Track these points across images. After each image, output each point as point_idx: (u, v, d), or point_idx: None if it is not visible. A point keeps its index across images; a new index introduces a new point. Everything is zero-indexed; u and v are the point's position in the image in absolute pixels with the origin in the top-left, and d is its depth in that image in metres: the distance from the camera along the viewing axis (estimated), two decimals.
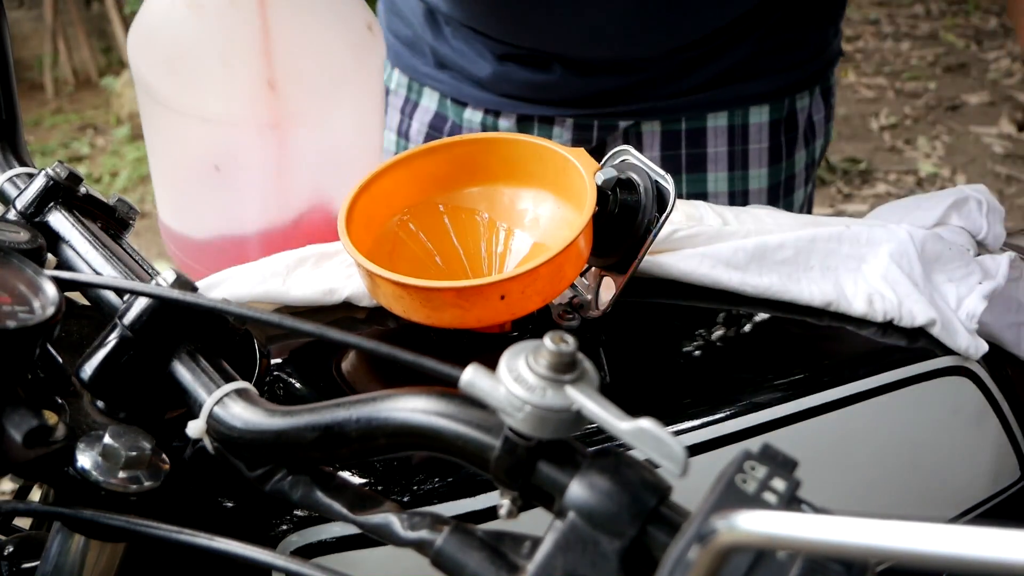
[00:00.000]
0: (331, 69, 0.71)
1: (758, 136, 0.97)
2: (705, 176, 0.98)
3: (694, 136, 0.97)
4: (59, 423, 0.42)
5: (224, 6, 0.68)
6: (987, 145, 3.23)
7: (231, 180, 0.74)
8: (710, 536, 0.27)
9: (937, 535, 0.22)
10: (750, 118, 0.96)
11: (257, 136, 0.71)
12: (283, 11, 0.68)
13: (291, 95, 0.69)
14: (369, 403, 0.39)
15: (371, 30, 0.73)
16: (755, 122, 0.97)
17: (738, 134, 0.97)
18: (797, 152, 1.01)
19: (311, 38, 0.70)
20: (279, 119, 0.70)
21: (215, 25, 0.69)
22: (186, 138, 0.73)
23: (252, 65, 0.68)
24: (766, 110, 0.97)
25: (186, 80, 0.70)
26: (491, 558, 0.35)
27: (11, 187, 0.59)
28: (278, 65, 0.68)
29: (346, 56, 0.71)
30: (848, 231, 0.70)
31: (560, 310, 0.63)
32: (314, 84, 0.70)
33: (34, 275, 0.42)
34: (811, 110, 1.01)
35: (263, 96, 0.69)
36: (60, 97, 4.47)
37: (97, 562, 0.46)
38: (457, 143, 0.66)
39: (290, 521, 0.50)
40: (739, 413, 0.58)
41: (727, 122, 0.96)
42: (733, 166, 0.98)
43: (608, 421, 0.32)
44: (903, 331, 0.67)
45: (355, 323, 0.63)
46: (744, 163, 0.98)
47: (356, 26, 0.72)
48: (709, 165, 0.98)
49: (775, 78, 0.96)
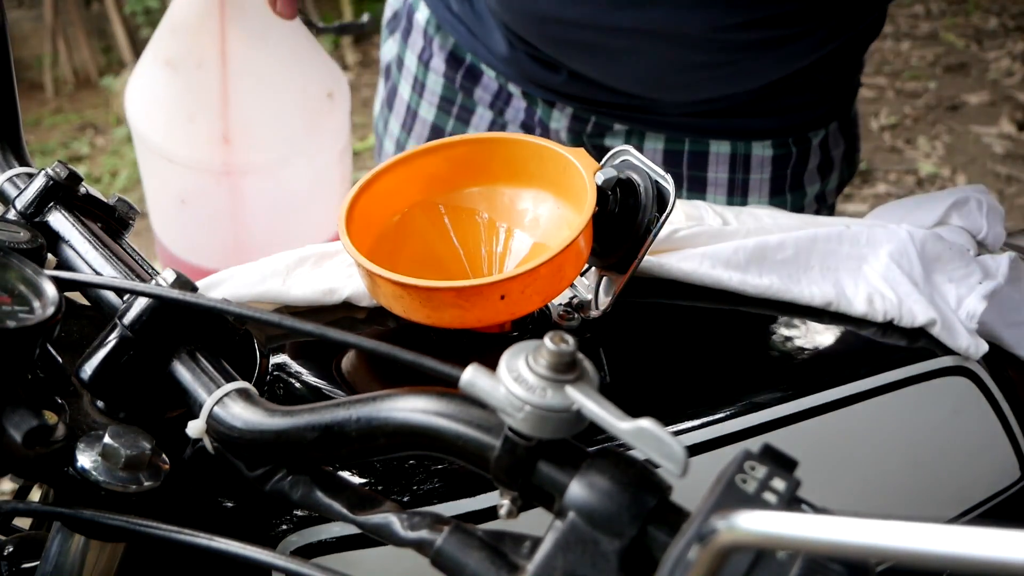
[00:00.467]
0: (283, 129, 0.85)
1: (760, 167, 0.96)
2: (704, 197, 0.99)
3: (696, 159, 0.97)
4: (59, 423, 0.42)
5: (192, 68, 0.82)
6: (987, 145, 3.23)
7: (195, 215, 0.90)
8: (710, 536, 0.27)
9: (937, 535, 0.22)
10: (752, 149, 0.95)
11: (214, 181, 0.85)
12: (242, 77, 0.81)
13: (243, 148, 0.83)
14: (369, 403, 0.39)
15: (331, 98, 0.87)
16: (757, 154, 0.96)
17: (740, 163, 0.96)
18: (808, 185, 0.99)
19: (266, 102, 0.83)
20: (231, 168, 0.84)
21: (185, 83, 0.83)
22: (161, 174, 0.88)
23: (211, 120, 0.82)
24: (769, 144, 0.95)
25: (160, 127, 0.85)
26: (491, 558, 0.35)
27: (11, 187, 0.58)
28: (233, 122, 0.82)
29: (300, 119, 0.85)
30: (848, 231, 0.70)
31: (560, 310, 0.63)
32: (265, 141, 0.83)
33: (34, 275, 0.42)
34: (829, 145, 0.98)
35: (219, 147, 0.82)
36: (60, 97, 4.47)
37: (97, 562, 0.46)
38: (457, 143, 0.66)
39: (290, 521, 0.50)
40: (739, 413, 0.58)
41: (730, 150, 0.96)
42: (732, 192, 0.97)
43: (608, 421, 0.32)
44: (903, 331, 0.67)
45: (355, 323, 0.63)
46: (744, 191, 0.97)
47: (314, 94, 0.85)
48: (709, 188, 0.98)
49: (780, 118, 0.94)
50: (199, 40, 0.82)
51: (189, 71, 0.82)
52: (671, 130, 0.96)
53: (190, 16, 0.82)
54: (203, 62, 0.82)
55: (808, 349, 0.65)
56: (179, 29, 0.83)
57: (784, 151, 0.95)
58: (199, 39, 0.82)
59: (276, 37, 0.84)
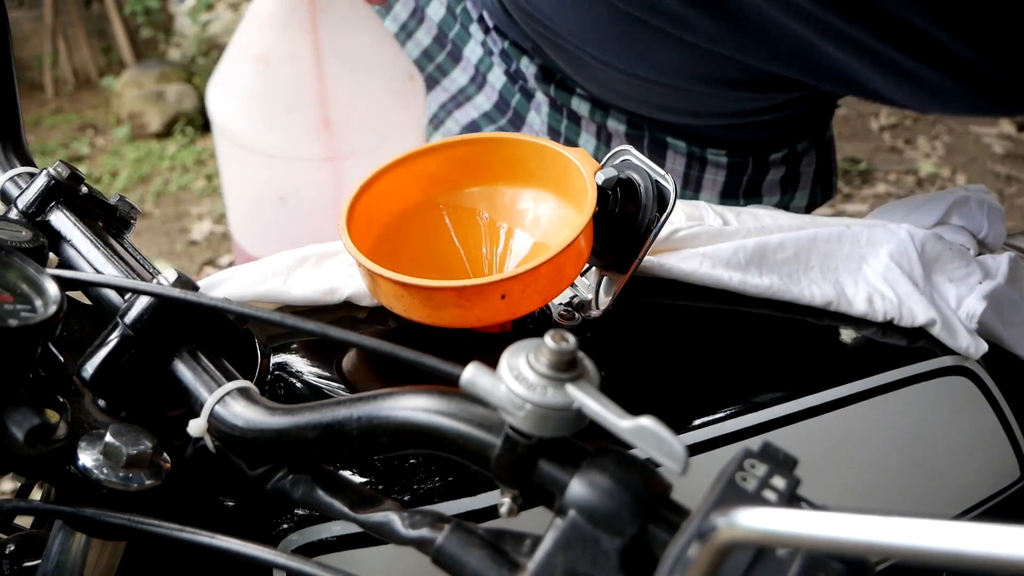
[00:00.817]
0: (377, 111, 0.86)
1: (715, 169, 0.96)
2: None
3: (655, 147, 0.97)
4: (61, 422, 0.42)
5: (286, 59, 0.82)
6: (987, 145, 3.23)
7: (295, 209, 0.89)
8: (710, 533, 0.27)
9: (936, 532, 0.22)
10: (707, 153, 0.96)
11: (315, 170, 0.85)
12: (336, 63, 0.82)
13: (343, 133, 0.83)
14: (370, 402, 0.39)
15: (412, 80, 0.89)
16: (712, 159, 0.96)
17: (696, 159, 0.97)
18: (767, 196, 0.98)
19: (360, 85, 0.84)
20: (333, 154, 0.85)
21: (279, 76, 0.83)
22: (257, 173, 0.88)
23: (310, 108, 0.83)
24: (724, 153, 0.95)
25: (256, 123, 0.84)
26: (492, 556, 0.35)
27: (12, 186, 0.59)
28: (332, 108, 0.83)
29: (390, 100, 0.86)
30: (848, 231, 0.70)
31: (561, 310, 0.63)
32: (363, 123, 0.85)
33: (36, 274, 0.42)
34: (797, 160, 0.97)
35: (320, 134, 0.83)
36: (60, 97, 4.47)
37: (98, 560, 0.46)
38: (457, 143, 0.66)
39: (291, 520, 0.50)
40: (739, 413, 0.58)
41: (686, 150, 0.96)
42: (687, 184, 0.98)
43: (608, 419, 0.32)
44: (903, 331, 0.67)
45: (356, 322, 0.63)
46: (697, 186, 0.98)
47: (399, 76, 0.87)
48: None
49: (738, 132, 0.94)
50: (290, 33, 0.83)
51: (282, 64, 0.83)
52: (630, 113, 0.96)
53: (278, 10, 0.83)
54: (296, 53, 0.83)
55: (808, 349, 0.66)
56: (267, 24, 0.84)
57: (740, 160, 0.95)
58: (290, 32, 0.83)
59: (361, 24, 0.86)
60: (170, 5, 4.53)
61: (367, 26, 0.87)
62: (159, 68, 4.11)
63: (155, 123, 3.90)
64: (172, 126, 3.90)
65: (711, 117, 0.92)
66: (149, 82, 3.99)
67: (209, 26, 4.35)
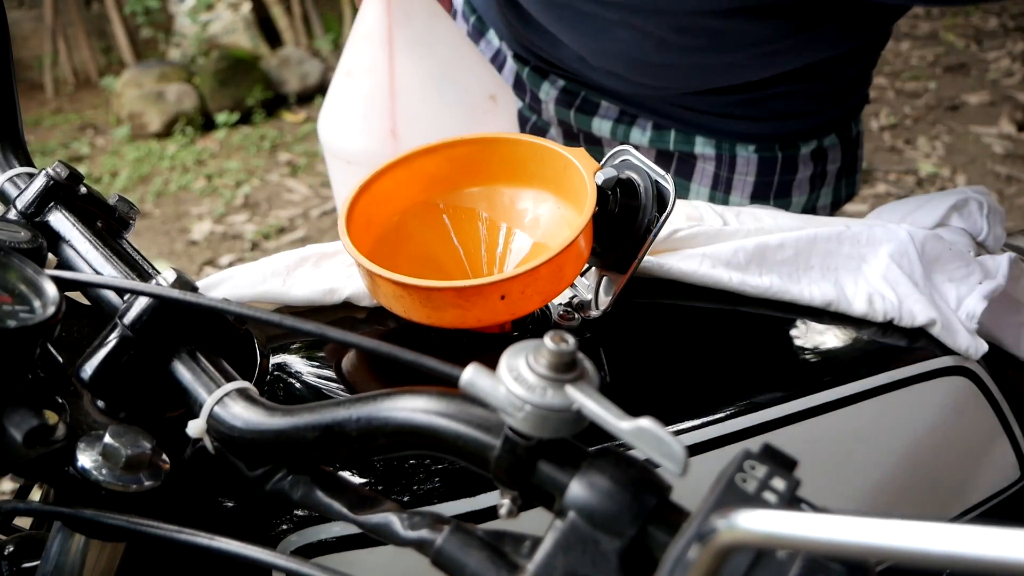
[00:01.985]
0: (444, 125, 0.93)
1: (744, 168, 0.96)
2: (689, 185, 0.99)
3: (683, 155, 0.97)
4: (59, 423, 0.42)
5: (365, 73, 0.94)
6: (987, 145, 3.23)
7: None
8: (710, 535, 0.27)
9: (937, 534, 0.22)
10: (737, 151, 0.95)
11: None
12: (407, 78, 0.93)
13: (408, 142, 0.92)
14: (369, 403, 0.39)
15: (494, 100, 0.96)
16: (742, 155, 0.95)
17: (725, 161, 0.96)
18: (796, 195, 0.98)
19: (428, 100, 0.93)
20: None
21: (358, 87, 0.95)
22: (342, 176, 0.99)
23: (380, 117, 0.93)
24: (752, 148, 0.95)
25: (338, 130, 0.96)
26: (491, 558, 0.35)
27: (11, 187, 0.58)
28: (399, 118, 0.93)
29: (461, 117, 0.94)
30: (848, 231, 0.70)
31: (560, 310, 0.63)
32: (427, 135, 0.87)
33: (34, 275, 0.42)
34: (824, 157, 0.97)
35: (388, 141, 0.93)
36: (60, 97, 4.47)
37: (97, 562, 0.46)
38: (457, 143, 0.66)
39: (290, 521, 0.50)
40: (739, 413, 0.58)
41: (715, 151, 0.96)
42: (716, 186, 0.98)
43: (608, 420, 0.32)
44: (903, 331, 0.67)
45: (355, 323, 0.63)
46: (727, 187, 0.97)
47: (476, 95, 0.95)
48: (695, 175, 0.98)
49: (766, 124, 0.94)
50: (371, 48, 0.93)
51: (362, 76, 0.94)
52: (658, 116, 0.96)
53: (364, 29, 0.94)
54: (374, 66, 0.93)
55: (808, 349, 0.65)
56: (356, 42, 0.95)
57: (770, 155, 0.95)
58: (371, 46, 0.94)
59: (439, 44, 0.95)
60: (170, 5, 4.53)
61: (447, 44, 0.95)
62: (159, 68, 4.11)
63: (155, 123, 3.90)
64: (172, 126, 3.90)
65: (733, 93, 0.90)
66: (149, 82, 4.00)
67: (209, 26, 4.35)
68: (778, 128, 0.94)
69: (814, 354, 0.65)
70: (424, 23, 0.93)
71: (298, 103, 4.09)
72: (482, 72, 0.97)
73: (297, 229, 3.05)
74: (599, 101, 0.98)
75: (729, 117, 0.93)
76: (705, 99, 0.92)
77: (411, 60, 0.93)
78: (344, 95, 0.97)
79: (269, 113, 4.03)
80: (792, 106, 0.93)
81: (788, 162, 0.96)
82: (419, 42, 0.93)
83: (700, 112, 0.94)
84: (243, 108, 3.98)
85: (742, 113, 0.93)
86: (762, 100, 0.91)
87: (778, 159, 0.95)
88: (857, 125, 1.00)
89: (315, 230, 3.03)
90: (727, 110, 0.93)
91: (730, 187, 0.97)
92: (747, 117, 0.93)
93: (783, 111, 0.93)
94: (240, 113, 3.96)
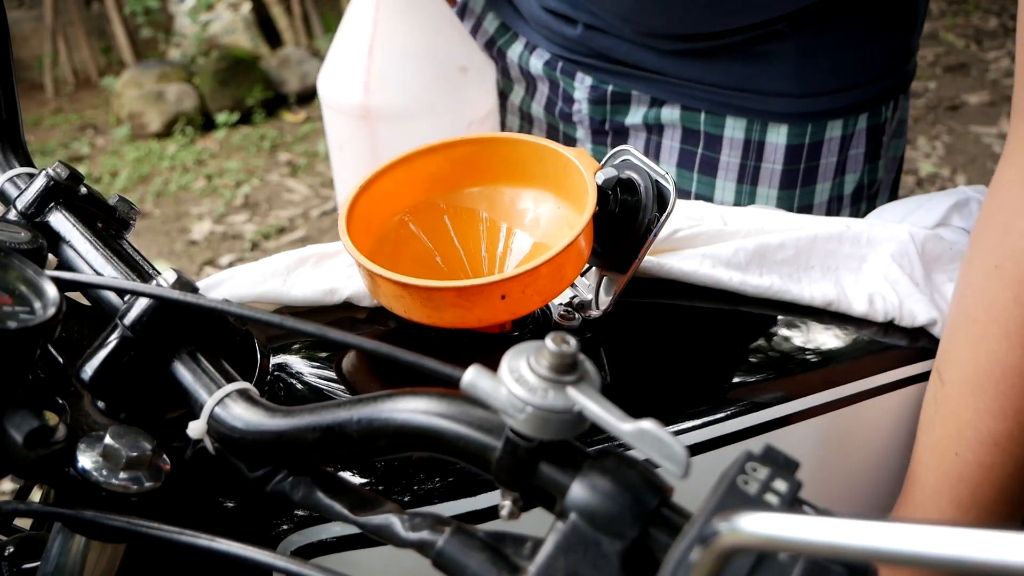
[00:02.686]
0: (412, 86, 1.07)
1: (772, 156, 0.95)
2: (714, 181, 0.98)
3: (711, 140, 0.96)
4: (60, 424, 0.42)
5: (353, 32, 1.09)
6: (987, 145, 3.23)
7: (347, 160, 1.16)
8: (712, 537, 0.26)
9: (939, 537, 0.22)
10: (767, 136, 0.94)
11: (355, 124, 1.11)
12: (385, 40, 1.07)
13: (378, 96, 1.07)
14: (370, 404, 0.39)
15: (464, 71, 1.08)
16: (771, 141, 0.94)
17: (753, 149, 0.95)
18: (819, 183, 0.97)
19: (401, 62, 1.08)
20: (368, 112, 1.08)
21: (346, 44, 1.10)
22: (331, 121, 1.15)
23: (357, 71, 1.08)
24: (784, 131, 0.94)
25: (327, 79, 1.13)
26: (492, 559, 0.35)
27: (11, 187, 0.58)
28: (373, 75, 1.07)
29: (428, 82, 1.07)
30: (848, 231, 0.70)
31: (561, 310, 0.63)
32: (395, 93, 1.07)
33: (35, 275, 0.42)
34: (849, 142, 0.95)
35: (361, 94, 1.08)
36: (60, 97, 4.47)
37: (98, 563, 0.46)
38: (458, 143, 0.66)
39: (290, 521, 0.50)
40: (739, 413, 0.58)
41: (744, 136, 0.95)
42: (743, 179, 0.97)
43: (609, 422, 0.32)
44: (904, 331, 0.67)
45: (356, 323, 0.63)
46: (754, 179, 0.96)
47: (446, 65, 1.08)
48: (720, 171, 0.97)
49: (799, 101, 0.92)
50: (363, 11, 1.09)
51: (351, 34, 1.10)
52: (687, 98, 0.95)
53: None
54: (362, 28, 1.09)
55: (808, 349, 0.65)
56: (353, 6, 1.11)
57: (798, 141, 0.94)
58: (363, 10, 1.09)
59: (420, 16, 1.08)
60: (170, 5, 4.53)
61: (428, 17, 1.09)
62: (159, 68, 4.11)
63: (155, 123, 3.90)
64: (172, 126, 3.90)
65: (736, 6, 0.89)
66: (149, 82, 4.00)
67: (209, 26, 4.35)
68: (807, 107, 0.93)
69: (814, 354, 0.65)
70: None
71: (298, 103, 4.09)
72: (457, 45, 1.09)
73: (297, 229, 3.05)
74: (628, 91, 0.98)
75: (759, 94, 0.93)
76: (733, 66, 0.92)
77: (391, 26, 1.08)
78: (337, 50, 1.13)
79: (269, 113, 4.03)
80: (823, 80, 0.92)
81: (813, 148, 0.95)
82: (401, 12, 1.08)
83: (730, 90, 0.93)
84: (243, 108, 3.98)
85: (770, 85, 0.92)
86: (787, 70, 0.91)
87: (805, 145, 0.95)
88: (889, 111, 0.98)
89: (315, 230, 3.03)
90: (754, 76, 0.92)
91: (757, 178, 0.96)
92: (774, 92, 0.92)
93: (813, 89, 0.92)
94: (240, 113, 3.96)
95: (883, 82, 0.95)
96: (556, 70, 1.02)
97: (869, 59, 0.93)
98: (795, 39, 0.89)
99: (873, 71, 0.94)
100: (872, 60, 0.93)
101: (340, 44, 1.13)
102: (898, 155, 1.05)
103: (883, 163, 1.01)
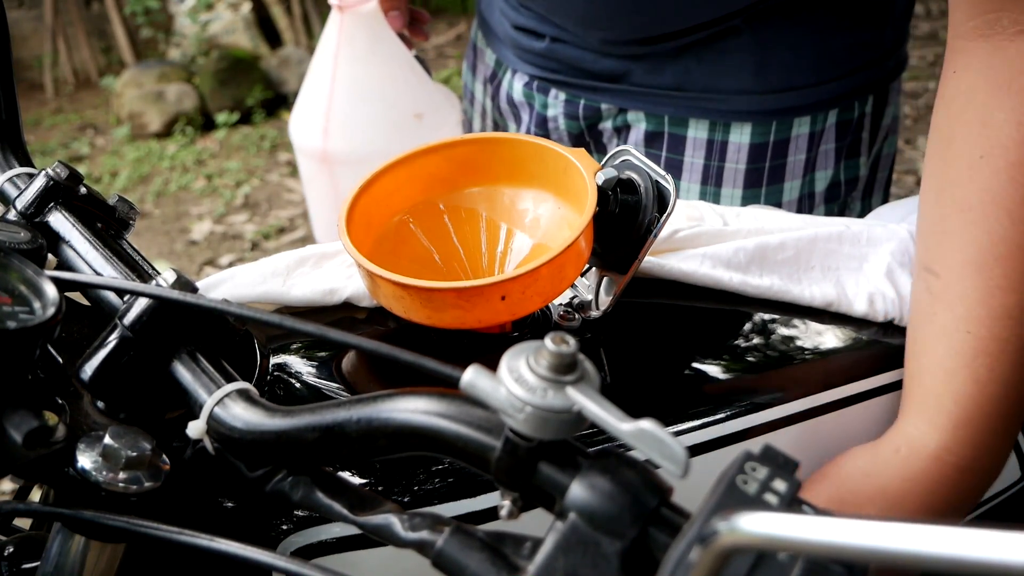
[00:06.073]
0: (368, 132, 1.13)
1: (735, 156, 0.95)
2: (679, 184, 0.98)
3: (674, 142, 0.97)
4: (59, 424, 0.42)
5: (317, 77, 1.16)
6: None
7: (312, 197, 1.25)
8: (711, 537, 0.26)
9: (938, 537, 0.22)
10: (730, 136, 0.94)
11: (316, 166, 1.18)
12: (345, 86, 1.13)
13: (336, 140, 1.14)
14: (370, 404, 0.39)
15: (419, 119, 1.15)
16: (735, 141, 0.94)
17: (716, 149, 0.95)
18: (787, 181, 0.96)
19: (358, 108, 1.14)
20: (327, 156, 1.15)
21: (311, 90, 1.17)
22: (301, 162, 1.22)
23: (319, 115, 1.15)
24: (747, 130, 0.93)
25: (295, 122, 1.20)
26: (492, 559, 0.35)
27: (11, 187, 0.58)
28: (332, 120, 1.14)
29: (383, 128, 1.13)
30: (848, 231, 0.70)
31: (561, 310, 0.63)
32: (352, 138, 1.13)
33: (34, 275, 0.42)
34: (819, 139, 0.94)
35: (321, 137, 1.14)
36: (60, 97, 4.47)
37: (97, 562, 0.46)
38: (457, 143, 0.66)
39: (290, 521, 0.50)
40: (739, 413, 0.58)
41: (707, 135, 0.95)
42: (707, 180, 0.96)
43: (609, 422, 0.32)
44: (904, 331, 0.67)
45: (355, 323, 0.63)
46: (718, 180, 0.96)
47: (403, 112, 1.14)
48: (684, 173, 0.97)
49: (760, 98, 0.92)
50: (325, 58, 1.14)
51: (315, 80, 1.16)
52: (651, 104, 0.96)
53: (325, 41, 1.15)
54: (323, 74, 1.15)
55: (808, 349, 0.65)
56: (318, 51, 1.16)
57: (761, 139, 0.93)
58: (325, 57, 1.14)
59: (377, 64, 1.14)
60: (170, 5, 4.53)
61: (385, 64, 1.14)
62: (159, 68, 4.11)
63: (155, 123, 3.90)
64: (172, 126, 3.90)
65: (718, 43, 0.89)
66: (149, 82, 4.00)
67: (209, 26, 4.36)
68: (772, 103, 0.92)
69: (815, 354, 0.65)
70: (367, 44, 1.13)
71: None
72: (414, 91, 1.16)
73: (297, 229, 3.05)
74: (598, 104, 0.99)
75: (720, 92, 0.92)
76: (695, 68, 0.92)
77: (349, 73, 1.14)
78: (303, 92, 1.19)
79: (269, 113, 4.03)
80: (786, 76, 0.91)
81: (779, 146, 0.94)
82: (359, 60, 1.13)
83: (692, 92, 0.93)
84: (243, 108, 3.99)
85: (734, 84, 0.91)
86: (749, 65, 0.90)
87: (769, 144, 0.94)
88: (866, 107, 0.97)
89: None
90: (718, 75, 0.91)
91: (721, 179, 0.96)
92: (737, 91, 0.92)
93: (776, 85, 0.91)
94: (240, 113, 3.96)
95: (854, 78, 0.94)
96: (533, 90, 1.04)
97: (833, 55, 0.92)
98: (751, 35, 0.89)
99: (840, 67, 0.93)
100: (837, 56, 0.92)
101: (306, 87, 1.18)
102: (891, 152, 1.04)
103: (865, 160, 1.00)
